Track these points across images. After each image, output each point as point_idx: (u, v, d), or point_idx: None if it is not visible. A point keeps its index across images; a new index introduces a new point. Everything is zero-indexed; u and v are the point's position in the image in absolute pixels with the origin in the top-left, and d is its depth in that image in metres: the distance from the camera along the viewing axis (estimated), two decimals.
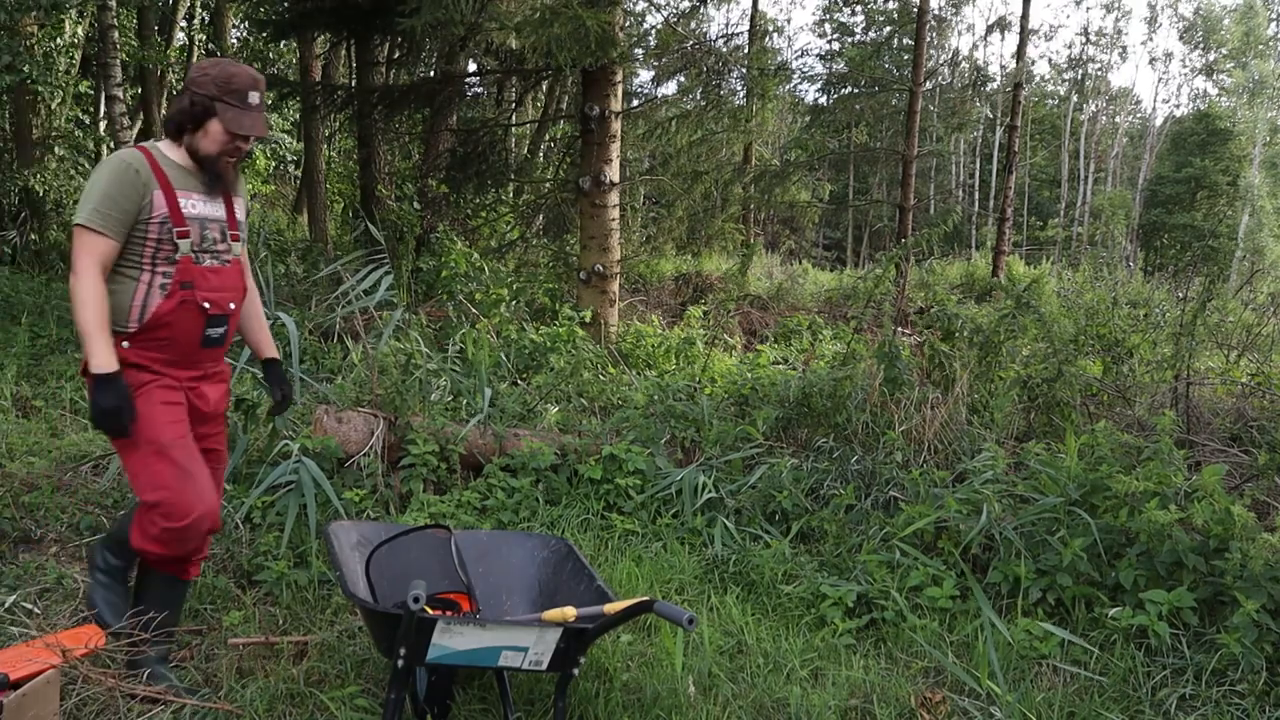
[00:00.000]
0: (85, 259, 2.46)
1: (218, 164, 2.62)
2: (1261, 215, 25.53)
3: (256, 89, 2.58)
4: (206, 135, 2.58)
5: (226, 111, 2.55)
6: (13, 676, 2.41)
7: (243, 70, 2.60)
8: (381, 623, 2.33)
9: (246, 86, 2.57)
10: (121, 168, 2.50)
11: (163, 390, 2.59)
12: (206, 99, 2.54)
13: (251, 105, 2.58)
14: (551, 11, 6.54)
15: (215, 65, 2.61)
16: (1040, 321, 5.38)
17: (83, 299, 2.45)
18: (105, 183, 2.48)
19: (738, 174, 12.06)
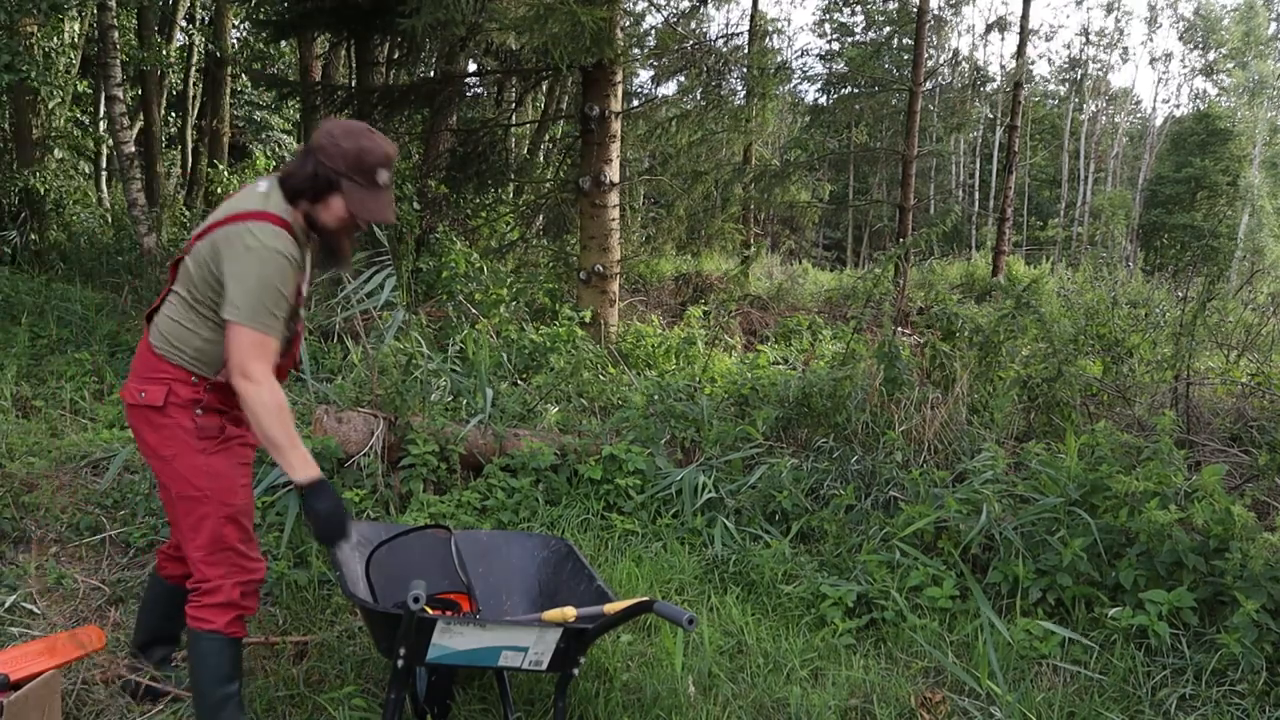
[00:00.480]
0: (260, 366, 2.28)
1: (336, 240, 2.45)
2: (1261, 215, 25.53)
3: (387, 166, 2.38)
4: (327, 209, 2.38)
5: (353, 191, 2.35)
6: (13, 677, 2.41)
7: (377, 145, 2.37)
8: (381, 623, 2.33)
9: (377, 164, 2.35)
10: (283, 263, 2.30)
11: (242, 449, 2.49)
12: (332, 173, 2.33)
13: (380, 185, 2.37)
14: (547, 9, 6.54)
15: (348, 135, 2.36)
16: (1040, 321, 5.38)
17: (270, 410, 2.27)
18: (276, 279, 2.28)
19: (738, 174, 12.06)
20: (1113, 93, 39.24)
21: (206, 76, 16.06)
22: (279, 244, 2.30)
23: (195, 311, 2.37)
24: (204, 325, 2.37)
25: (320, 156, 2.34)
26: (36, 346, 6.41)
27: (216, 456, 2.42)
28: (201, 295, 2.36)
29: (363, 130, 2.38)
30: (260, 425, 2.29)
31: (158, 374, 2.39)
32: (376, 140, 2.37)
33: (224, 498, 2.41)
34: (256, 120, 21.03)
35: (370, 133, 2.38)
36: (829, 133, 23.73)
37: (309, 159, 2.35)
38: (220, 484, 2.40)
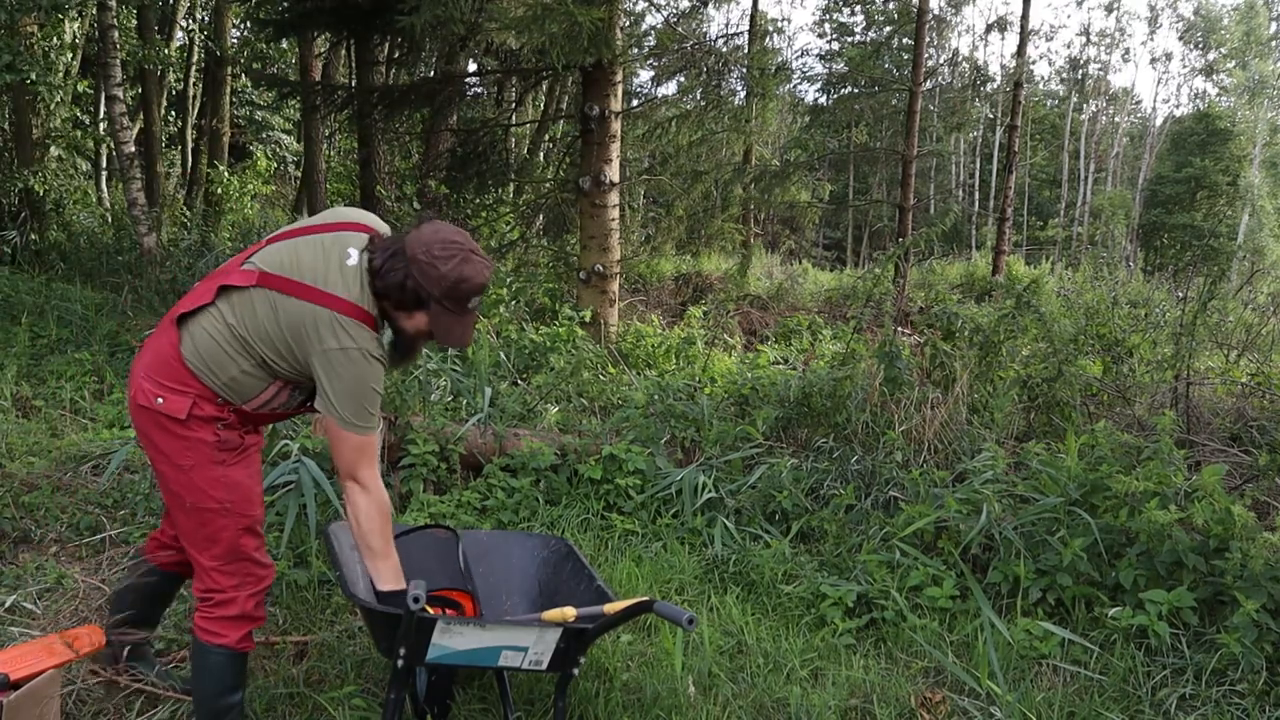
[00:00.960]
0: (369, 470, 2.29)
1: (411, 345, 2.41)
2: (1261, 215, 25.53)
3: (480, 294, 2.30)
4: (410, 319, 2.32)
5: (440, 315, 2.28)
6: (13, 676, 2.41)
7: (477, 271, 2.27)
8: (381, 623, 2.33)
9: (471, 294, 2.27)
10: (378, 367, 2.27)
11: (257, 455, 2.48)
12: (425, 293, 2.25)
13: (468, 311, 2.31)
14: (545, 9, 6.54)
15: (448, 258, 2.24)
16: (1040, 321, 5.38)
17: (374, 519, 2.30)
18: (372, 381, 2.26)
19: (738, 174, 12.07)
20: (1113, 92, 39.25)
21: (206, 76, 16.07)
22: (372, 346, 2.26)
23: (244, 347, 2.30)
24: (248, 360, 2.31)
25: (415, 271, 2.23)
26: (36, 346, 6.41)
27: (235, 468, 2.38)
28: (261, 341, 2.29)
29: (464, 252, 2.26)
30: (361, 529, 2.32)
31: (183, 386, 2.31)
32: (477, 267, 2.27)
33: (243, 509, 2.38)
34: (256, 120, 21.04)
35: (470, 256, 2.27)
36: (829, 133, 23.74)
37: (402, 267, 2.24)
38: (239, 494, 2.37)
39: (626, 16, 8.79)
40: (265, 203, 18.23)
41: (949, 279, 15.03)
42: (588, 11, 6.57)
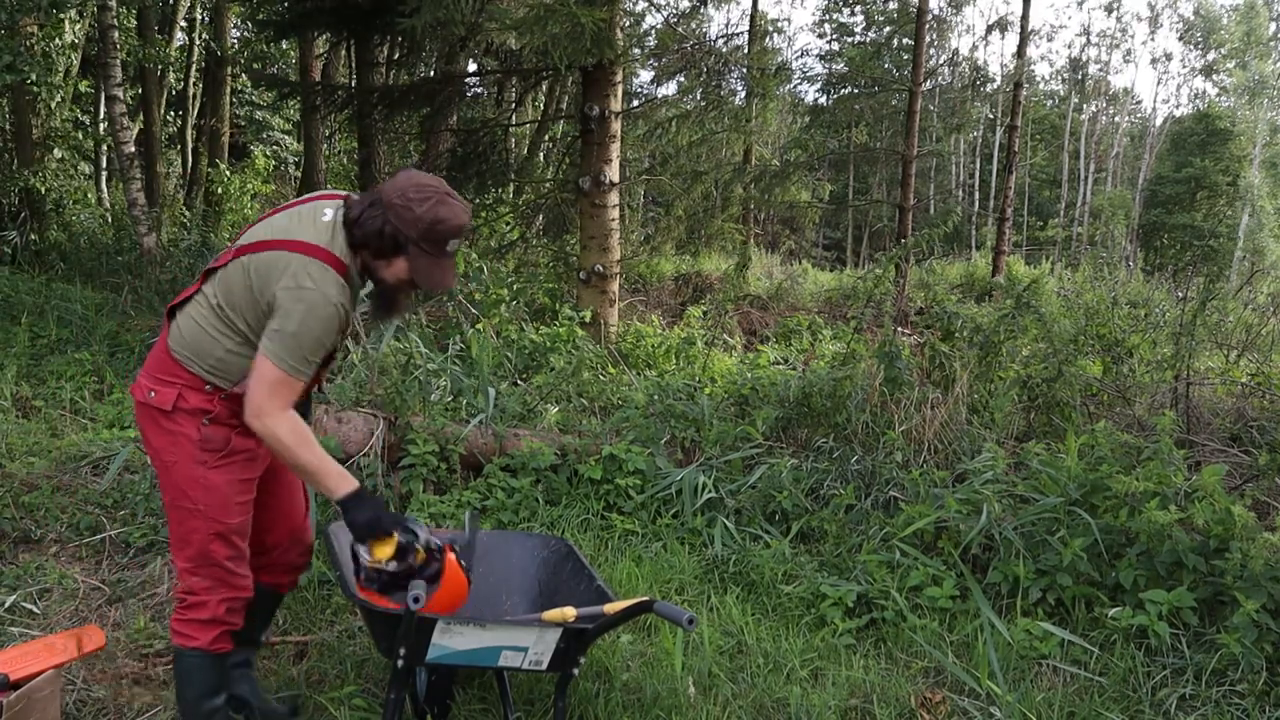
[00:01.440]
0: (278, 404, 2.21)
1: (393, 296, 2.39)
2: (1261, 215, 25.52)
3: (459, 236, 2.28)
4: (389, 267, 2.31)
5: (419, 258, 2.26)
6: (13, 676, 2.41)
7: (454, 213, 2.26)
8: (381, 623, 2.33)
9: (449, 235, 2.26)
10: (333, 313, 2.23)
11: (245, 464, 2.40)
12: (402, 236, 2.24)
13: (448, 253, 2.29)
14: (547, 9, 6.53)
15: (423, 200, 2.24)
16: (1040, 321, 5.38)
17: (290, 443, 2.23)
18: (320, 329, 2.22)
19: (738, 174, 12.06)
20: (1113, 93, 39.25)
21: (206, 76, 16.06)
22: (333, 291, 2.22)
23: (225, 321, 2.29)
24: (231, 337, 2.30)
25: (391, 216, 2.23)
26: (36, 346, 6.41)
27: (216, 471, 2.34)
28: (237, 307, 2.28)
29: (439, 195, 2.26)
30: (286, 459, 2.28)
31: (171, 377, 2.31)
32: (453, 209, 2.27)
33: (216, 514, 2.34)
34: (257, 120, 21.03)
35: (446, 198, 2.27)
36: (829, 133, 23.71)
37: (379, 214, 2.24)
38: (214, 499, 2.34)
39: (627, 17, 8.80)
40: (265, 202, 18.23)
41: (949, 279, 15.03)
42: (590, 12, 6.57)
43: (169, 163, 16.66)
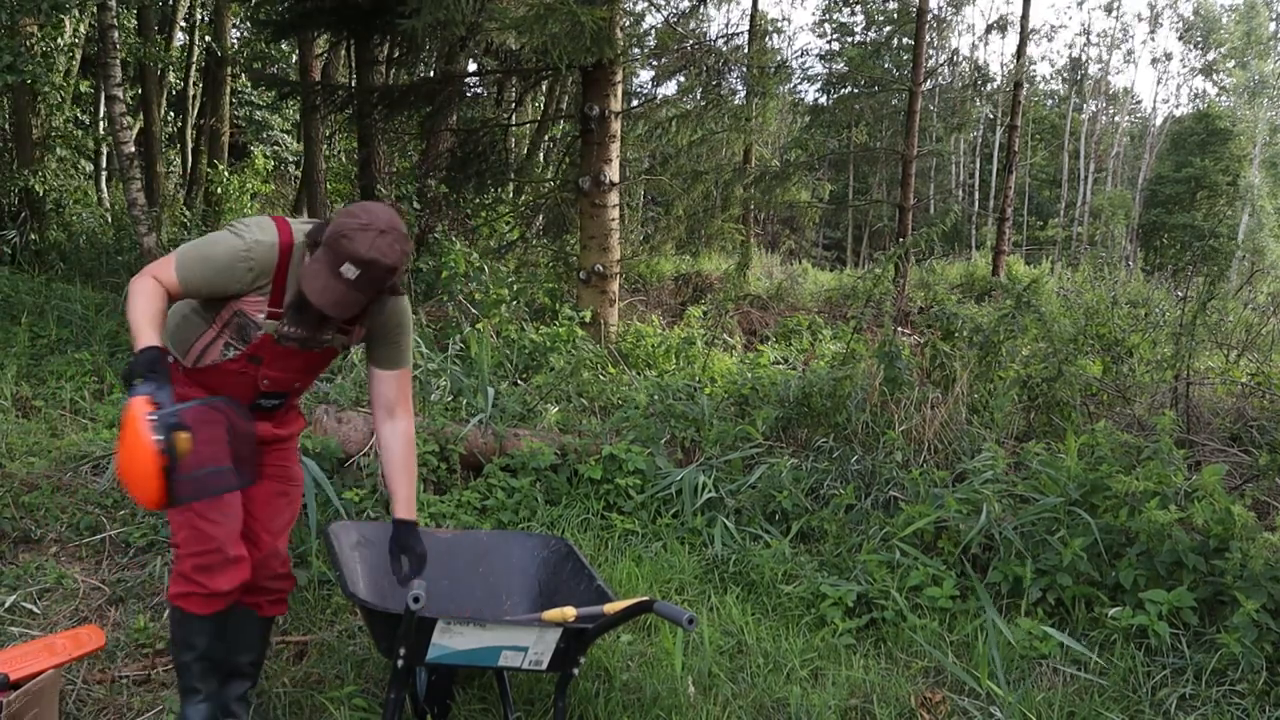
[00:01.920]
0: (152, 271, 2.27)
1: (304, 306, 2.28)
2: (1261, 215, 25.51)
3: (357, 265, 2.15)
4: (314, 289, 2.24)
5: (314, 262, 2.21)
6: (13, 676, 2.41)
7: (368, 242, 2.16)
8: (381, 623, 2.33)
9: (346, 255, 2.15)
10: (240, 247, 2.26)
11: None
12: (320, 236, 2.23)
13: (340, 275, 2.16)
14: (547, 9, 6.53)
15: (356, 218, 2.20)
16: (1040, 321, 5.38)
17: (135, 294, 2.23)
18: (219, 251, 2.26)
19: (738, 174, 12.06)
20: (1113, 92, 39.25)
21: (206, 76, 16.05)
22: (253, 233, 2.28)
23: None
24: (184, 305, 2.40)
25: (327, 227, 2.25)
26: (36, 346, 6.40)
27: None
28: None
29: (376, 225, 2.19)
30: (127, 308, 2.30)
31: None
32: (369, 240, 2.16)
33: None
34: (256, 120, 21.04)
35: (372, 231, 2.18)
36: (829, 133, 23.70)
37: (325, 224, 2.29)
38: None
39: (627, 16, 8.79)
40: (265, 202, 18.23)
41: (949, 279, 15.03)
42: (590, 11, 6.56)
43: (169, 163, 16.65)
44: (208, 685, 2.53)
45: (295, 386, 2.55)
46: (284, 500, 2.65)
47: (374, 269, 2.17)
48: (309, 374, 2.56)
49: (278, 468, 2.63)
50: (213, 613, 2.46)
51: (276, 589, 2.64)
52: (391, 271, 2.20)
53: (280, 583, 2.64)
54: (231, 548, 2.44)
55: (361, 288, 2.19)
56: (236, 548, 2.46)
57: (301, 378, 2.54)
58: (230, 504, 2.46)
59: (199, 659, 2.49)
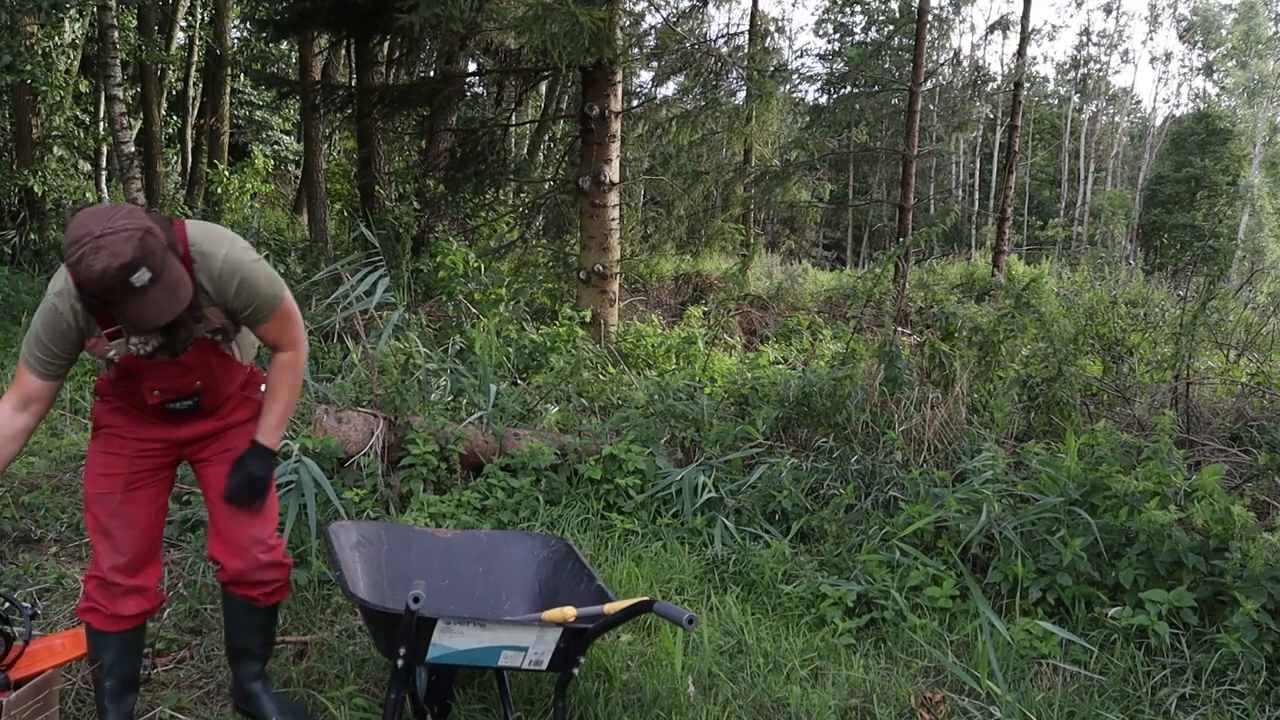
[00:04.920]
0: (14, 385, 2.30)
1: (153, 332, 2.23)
2: (1261, 215, 25.52)
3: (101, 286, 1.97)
4: None
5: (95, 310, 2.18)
6: (13, 676, 2.41)
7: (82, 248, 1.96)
8: (381, 622, 2.33)
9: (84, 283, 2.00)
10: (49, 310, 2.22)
11: (107, 438, 2.46)
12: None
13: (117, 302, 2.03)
14: (546, 8, 6.53)
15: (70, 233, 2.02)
16: (1040, 321, 5.38)
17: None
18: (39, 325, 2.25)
19: (738, 174, 12.06)
20: (1113, 92, 39.25)
21: (206, 76, 16.06)
22: (52, 290, 2.23)
23: None
24: None
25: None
26: None
27: (92, 443, 2.50)
28: None
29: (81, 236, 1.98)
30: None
31: None
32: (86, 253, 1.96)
33: (86, 480, 2.47)
34: (257, 120, 21.04)
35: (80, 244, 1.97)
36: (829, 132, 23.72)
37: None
38: (88, 467, 2.48)
39: (626, 16, 8.80)
40: (265, 202, 18.22)
41: (949, 279, 15.03)
42: (589, 11, 6.57)
43: (169, 163, 16.65)
44: (119, 708, 2.51)
45: (198, 385, 2.41)
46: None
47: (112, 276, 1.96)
48: (199, 373, 2.40)
49: (229, 451, 2.53)
50: (118, 630, 2.46)
51: (268, 580, 2.56)
52: (133, 265, 1.96)
53: (268, 572, 2.54)
54: (129, 575, 2.43)
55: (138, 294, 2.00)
56: (136, 576, 2.44)
57: (196, 377, 2.40)
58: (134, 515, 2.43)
59: (108, 676, 2.48)
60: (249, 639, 2.64)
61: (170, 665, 2.97)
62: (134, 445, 2.46)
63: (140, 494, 2.46)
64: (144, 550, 2.47)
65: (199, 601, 3.32)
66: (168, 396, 2.40)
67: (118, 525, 2.43)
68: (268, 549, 2.54)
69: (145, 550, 2.47)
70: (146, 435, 2.46)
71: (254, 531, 2.52)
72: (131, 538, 2.44)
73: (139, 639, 2.55)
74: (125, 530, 2.43)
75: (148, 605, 2.49)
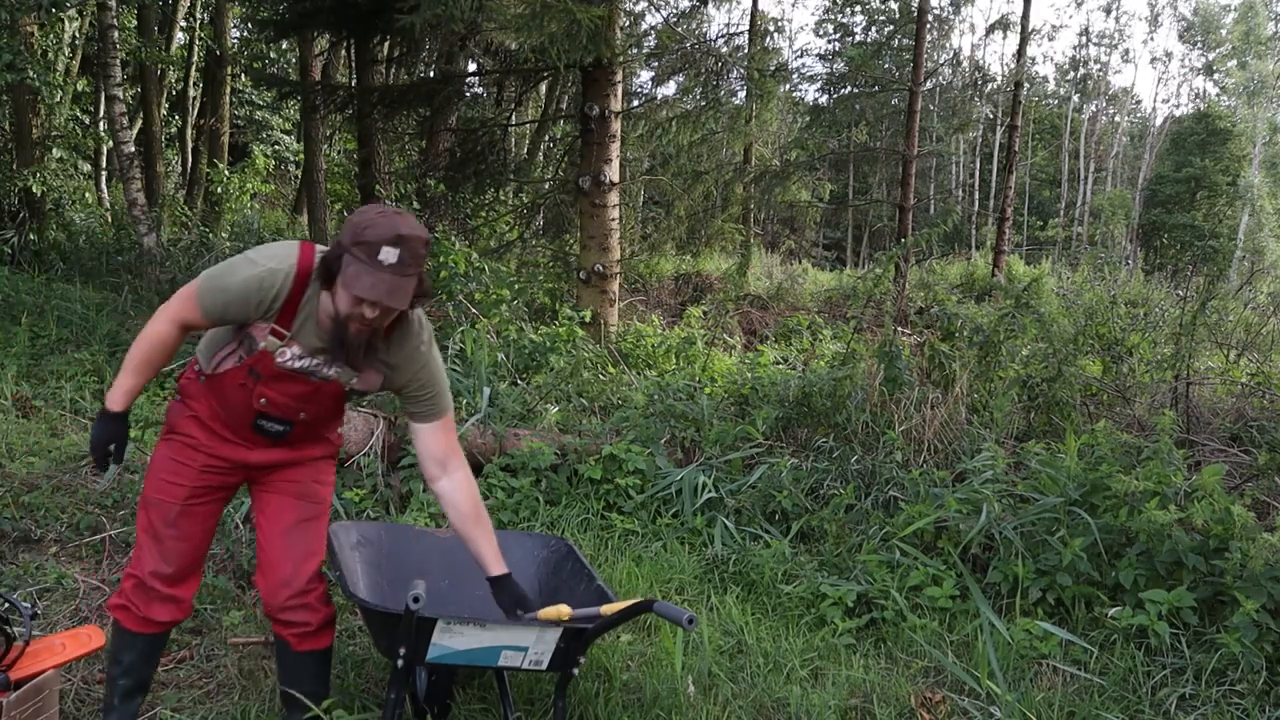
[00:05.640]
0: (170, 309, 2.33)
1: (342, 328, 2.22)
2: (1261, 215, 25.51)
3: (396, 245, 2.12)
4: (336, 293, 2.21)
5: (349, 265, 2.13)
6: (13, 676, 2.41)
7: (391, 222, 2.15)
8: (382, 622, 2.33)
9: (380, 240, 2.12)
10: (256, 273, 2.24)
11: (181, 447, 2.42)
12: (340, 249, 2.17)
13: (381, 262, 2.11)
14: (544, 7, 6.53)
15: (363, 214, 2.21)
16: (1040, 321, 5.39)
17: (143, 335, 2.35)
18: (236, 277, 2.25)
19: (738, 174, 12.06)
20: (1113, 92, 39.25)
21: (206, 76, 16.05)
22: (272, 262, 2.26)
23: None
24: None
25: (340, 235, 2.20)
26: (36, 346, 6.40)
27: (161, 444, 2.47)
28: None
29: (383, 211, 2.20)
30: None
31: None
32: (391, 217, 2.17)
33: (148, 481, 2.45)
34: (256, 120, 21.04)
35: (388, 213, 2.19)
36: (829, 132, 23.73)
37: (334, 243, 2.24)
38: (152, 467, 2.45)
39: (626, 16, 8.79)
40: (265, 202, 18.22)
41: (949, 279, 15.04)
42: (587, 10, 6.56)
43: (169, 163, 16.66)
44: (126, 707, 2.49)
45: (301, 417, 2.41)
46: (302, 525, 2.49)
47: (410, 243, 2.14)
48: (311, 404, 2.41)
49: (293, 484, 2.50)
50: (146, 633, 2.46)
51: (297, 623, 2.46)
52: (425, 244, 2.19)
53: (297, 614, 2.45)
54: (169, 584, 2.42)
55: (405, 267, 2.14)
56: (175, 586, 2.43)
57: (304, 407, 2.40)
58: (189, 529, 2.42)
59: (124, 675, 2.47)
60: (288, 682, 2.55)
61: (170, 665, 2.97)
62: (204, 459, 2.42)
63: (199, 510, 2.44)
64: (190, 563, 2.46)
65: (199, 602, 3.32)
66: (270, 411, 2.37)
67: (171, 535, 2.41)
68: (297, 593, 2.45)
69: (191, 563, 2.47)
70: (219, 452, 2.42)
71: (285, 574, 2.45)
72: (181, 550, 2.42)
73: (161, 645, 2.54)
74: (177, 543, 2.42)
75: (180, 616, 2.48)
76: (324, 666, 2.58)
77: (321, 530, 2.55)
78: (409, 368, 2.40)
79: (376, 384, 2.43)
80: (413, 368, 2.40)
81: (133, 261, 9.38)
